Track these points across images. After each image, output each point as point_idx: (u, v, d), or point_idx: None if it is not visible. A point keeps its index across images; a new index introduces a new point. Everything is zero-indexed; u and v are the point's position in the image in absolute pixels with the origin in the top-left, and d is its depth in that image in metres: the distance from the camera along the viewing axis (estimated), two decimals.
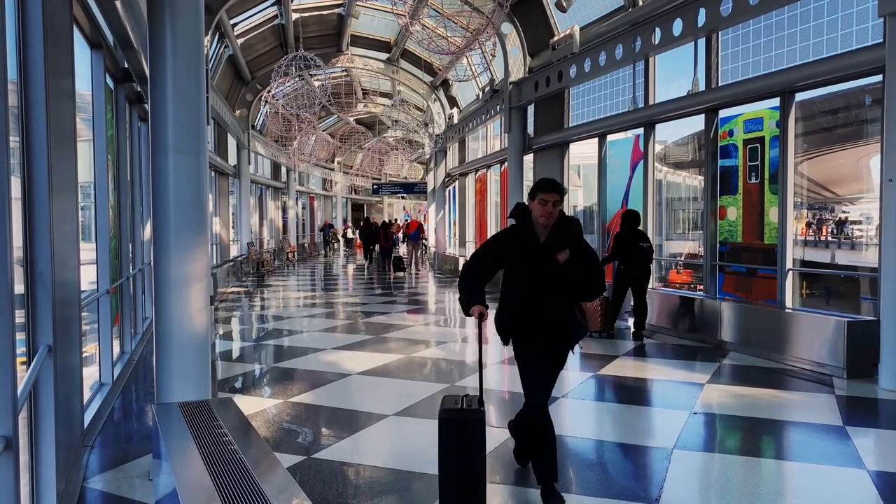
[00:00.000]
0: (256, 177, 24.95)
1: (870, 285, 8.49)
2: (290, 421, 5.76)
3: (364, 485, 4.33)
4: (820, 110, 9.45)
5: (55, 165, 3.69)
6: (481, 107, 18.68)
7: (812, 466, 4.77)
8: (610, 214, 12.81)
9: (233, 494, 2.22)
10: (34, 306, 3.47)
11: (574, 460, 4.85)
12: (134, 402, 6.61)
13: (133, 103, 8.96)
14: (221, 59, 18.22)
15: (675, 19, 9.73)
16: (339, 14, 19.57)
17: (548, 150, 14.61)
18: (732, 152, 9.63)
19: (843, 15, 7.99)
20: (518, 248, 4.02)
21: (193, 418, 3.10)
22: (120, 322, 7.85)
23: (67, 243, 4.12)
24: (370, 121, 33.78)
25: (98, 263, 6.59)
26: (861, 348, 6.97)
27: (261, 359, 8.63)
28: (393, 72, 23.28)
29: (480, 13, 13.71)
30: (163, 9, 4.25)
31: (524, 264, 3.99)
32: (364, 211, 49.87)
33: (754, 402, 6.20)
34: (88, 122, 6.48)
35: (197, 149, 4.36)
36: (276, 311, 13.31)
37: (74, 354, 4.40)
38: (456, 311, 13.23)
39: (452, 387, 6.84)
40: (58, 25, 4.04)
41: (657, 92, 11.11)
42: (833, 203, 12.07)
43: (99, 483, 4.36)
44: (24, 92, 3.47)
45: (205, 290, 4.42)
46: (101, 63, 6.62)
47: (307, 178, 36.70)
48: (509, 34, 15.46)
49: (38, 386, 3.45)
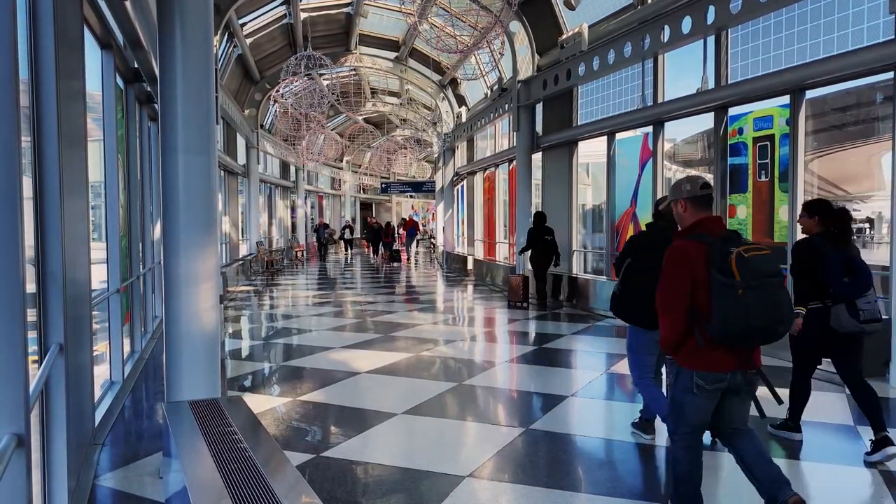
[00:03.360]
0: (265, 176, 25.04)
1: (881, 284, 8.43)
2: (299, 419, 5.78)
3: (373, 483, 4.34)
4: (830, 108, 9.38)
5: (66, 165, 3.71)
6: (489, 105, 18.66)
7: (823, 466, 4.75)
8: (619, 213, 12.78)
9: (243, 492, 2.23)
10: (46, 305, 3.49)
11: (583, 459, 4.84)
12: (144, 401, 6.65)
13: (143, 103, 9.00)
14: (230, 58, 18.28)
15: (685, 17, 9.69)
16: (347, 13, 19.60)
17: (556, 149, 14.58)
18: (742, 150, 9.59)
19: (853, 12, 7.93)
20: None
21: (203, 416, 3.12)
22: (130, 321, 7.90)
23: (78, 243, 4.15)
24: (378, 120, 33.80)
25: (108, 262, 6.63)
26: (872, 346, 6.91)
27: (270, 357, 8.66)
28: (401, 71, 23.29)
29: (489, 12, 13.69)
30: (172, 9, 4.26)
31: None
32: (372, 210, 49.93)
33: (763, 402, 6.16)
34: (99, 122, 6.52)
35: (206, 148, 4.38)
36: (285, 310, 13.35)
37: (85, 353, 4.43)
38: (463, 311, 13.23)
39: (461, 385, 6.85)
40: (68, 26, 4.06)
41: (666, 90, 11.06)
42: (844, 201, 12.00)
43: (110, 480, 4.39)
44: (35, 92, 3.49)
45: (214, 288, 4.44)
46: (112, 63, 6.66)
47: (316, 177, 36.77)
48: (517, 32, 15.43)
49: (50, 384, 3.47)
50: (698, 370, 3.37)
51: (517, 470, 4.56)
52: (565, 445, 5.05)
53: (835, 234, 4.82)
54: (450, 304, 14.33)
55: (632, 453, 5.01)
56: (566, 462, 4.69)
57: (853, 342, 4.81)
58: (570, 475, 4.46)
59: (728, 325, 3.19)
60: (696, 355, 3.38)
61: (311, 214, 35.35)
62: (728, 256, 3.21)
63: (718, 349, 3.31)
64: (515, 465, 4.66)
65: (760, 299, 3.17)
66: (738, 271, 3.17)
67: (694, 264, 3.31)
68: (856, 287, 4.64)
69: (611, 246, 12.85)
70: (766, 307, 3.18)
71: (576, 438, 5.21)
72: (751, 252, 3.22)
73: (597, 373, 7.61)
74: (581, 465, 4.70)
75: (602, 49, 11.93)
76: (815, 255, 4.82)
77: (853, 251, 4.82)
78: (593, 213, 17.00)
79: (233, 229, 20.46)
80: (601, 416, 6.16)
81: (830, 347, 4.94)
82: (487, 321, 11.68)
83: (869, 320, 4.63)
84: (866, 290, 4.67)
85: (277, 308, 13.82)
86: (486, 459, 4.71)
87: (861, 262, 4.74)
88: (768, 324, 3.22)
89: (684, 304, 3.34)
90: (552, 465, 4.67)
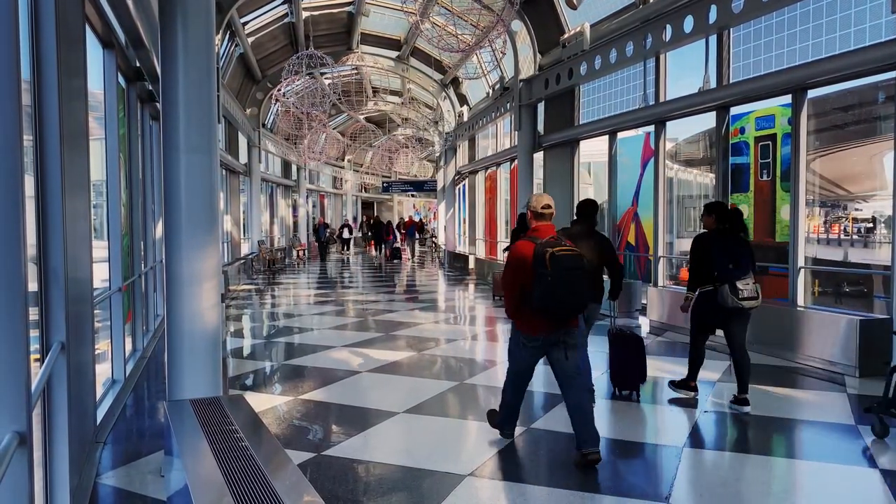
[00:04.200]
0: (267, 175, 25.04)
1: (883, 283, 8.42)
2: (300, 418, 5.79)
3: (374, 482, 4.34)
4: (832, 107, 9.37)
5: (68, 164, 3.71)
6: (491, 104, 18.65)
7: (824, 465, 4.74)
8: (621, 212, 12.78)
9: (244, 491, 2.24)
10: (48, 304, 3.50)
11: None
12: (146, 399, 6.66)
13: (145, 102, 9.01)
14: (232, 57, 18.29)
15: (686, 16, 9.69)
16: (348, 12, 19.60)
17: (558, 148, 14.58)
18: (744, 150, 9.58)
19: (856, 11, 7.92)
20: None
21: (205, 415, 3.12)
22: (132, 319, 7.91)
23: (80, 241, 4.15)
24: (380, 119, 33.80)
25: (110, 261, 6.64)
26: (873, 347, 6.92)
27: (271, 356, 8.67)
28: (403, 70, 23.29)
29: (490, 11, 13.69)
30: (174, 8, 4.27)
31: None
32: (374, 209, 49.94)
33: (765, 401, 6.17)
34: (100, 121, 6.52)
35: (208, 147, 4.39)
36: (287, 309, 13.36)
37: (87, 351, 4.44)
38: (465, 309, 13.24)
39: (462, 384, 6.85)
40: (70, 25, 4.07)
41: (668, 89, 11.06)
42: (846, 200, 11.98)
43: (111, 479, 4.40)
44: (37, 91, 3.49)
45: (216, 287, 4.44)
46: (113, 62, 6.67)
47: (317, 176, 36.77)
48: (519, 31, 15.43)
49: (52, 382, 3.48)
50: (523, 332, 4.77)
51: (518, 469, 4.56)
52: (566, 444, 5.05)
53: (726, 229, 5.91)
54: (451, 303, 14.33)
55: (633, 452, 5.01)
56: (567, 461, 4.69)
57: (737, 316, 5.87)
58: (571, 474, 4.46)
59: (542, 301, 4.48)
60: (524, 321, 4.73)
61: (312, 213, 35.29)
62: (545, 254, 4.46)
63: (538, 317, 4.61)
64: (516, 464, 4.66)
65: (563, 285, 4.45)
66: (550, 265, 4.44)
67: (525, 258, 4.60)
68: (737, 272, 5.71)
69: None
70: (566, 291, 4.46)
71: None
72: (561, 252, 4.48)
73: (597, 372, 7.60)
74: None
75: (604, 48, 11.92)
76: (707, 246, 5.92)
77: (740, 243, 5.87)
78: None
79: (234, 228, 20.47)
80: (602, 415, 6.16)
81: (720, 322, 6.01)
82: (489, 320, 11.68)
83: (747, 298, 5.70)
84: (744, 275, 5.74)
85: (279, 307, 13.83)
86: (487, 458, 4.71)
87: (743, 253, 5.83)
88: (568, 301, 4.50)
89: (518, 283, 4.66)
90: (553, 465, 4.67)
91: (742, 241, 5.92)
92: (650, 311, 10.40)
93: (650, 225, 11.43)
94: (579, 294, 4.52)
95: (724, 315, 5.87)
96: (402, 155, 33.81)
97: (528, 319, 4.67)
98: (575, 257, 4.53)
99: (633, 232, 12.49)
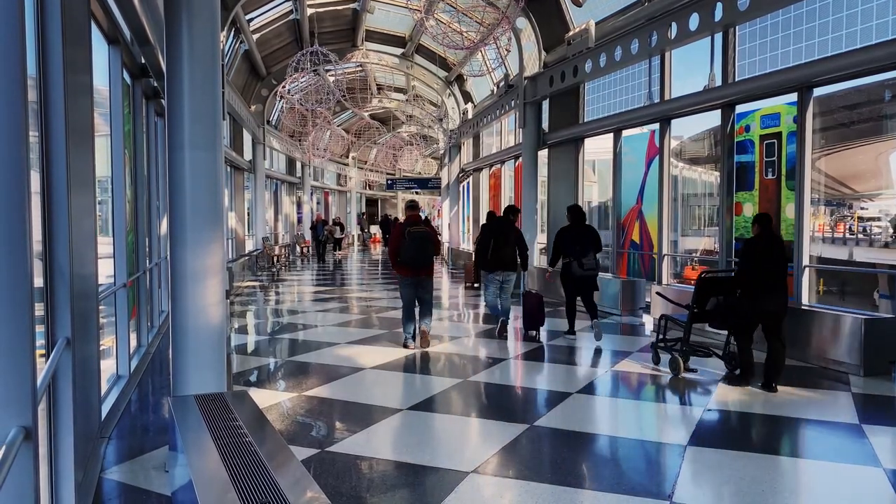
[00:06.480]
0: (272, 172, 25.06)
1: (888, 282, 8.40)
2: (304, 414, 5.80)
3: (377, 478, 4.35)
4: (838, 105, 9.34)
5: (73, 160, 3.72)
6: (496, 102, 18.63)
7: (828, 464, 4.73)
8: (625, 210, 12.76)
9: (248, 486, 2.25)
10: (53, 300, 3.51)
11: (588, 456, 4.85)
12: (150, 395, 6.68)
13: (150, 98, 9.03)
14: (237, 54, 18.30)
15: (692, 14, 9.66)
16: (353, 9, 19.59)
17: (562, 146, 14.56)
18: (749, 148, 9.55)
19: (862, 9, 7.89)
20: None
21: (209, 411, 3.13)
22: (137, 315, 7.94)
23: (85, 237, 4.16)
24: (384, 116, 33.80)
25: (115, 257, 6.66)
26: (878, 346, 6.90)
27: (275, 352, 8.69)
28: (407, 67, 23.28)
29: (495, 8, 13.67)
30: (179, 5, 4.28)
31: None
32: (378, 206, 49.96)
33: (769, 400, 6.16)
34: (106, 118, 6.54)
35: (213, 144, 4.40)
36: (291, 305, 13.38)
37: (92, 347, 4.46)
38: (468, 307, 13.24)
39: (465, 381, 6.86)
40: (76, 21, 4.07)
41: (673, 87, 11.03)
42: (851, 199, 11.94)
43: (116, 474, 4.42)
44: (42, 87, 3.50)
45: (220, 284, 4.46)
46: (119, 59, 6.68)
47: (322, 173, 36.81)
48: (524, 29, 15.40)
49: (57, 378, 3.49)
50: (401, 276, 8.41)
51: (521, 466, 4.57)
52: (570, 442, 5.06)
53: (572, 221, 9.16)
54: (455, 300, 14.33)
55: (636, 450, 5.01)
56: (570, 458, 4.69)
57: (585, 283, 9.01)
58: (575, 472, 4.46)
59: (403, 258, 8.20)
60: (400, 270, 8.40)
61: (316, 210, 35.29)
62: (406, 231, 8.15)
63: (406, 267, 8.29)
64: (520, 461, 4.67)
65: (414, 248, 8.13)
66: (408, 237, 8.13)
67: (400, 233, 8.25)
68: (579, 252, 8.85)
69: (616, 243, 12.83)
70: (416, 252, 8.15)
71: (580, 435, 5.21)
72: (415, 229, 8.17)
73: (602, 369, 7.61)
74: (585, 462, 4.71)
75: (609, 46, 11.90)
76: (561, 234, 9.23)
77: (583, 231, 9.03)
78: (599, 210, 16.97)
79: (239, 225, 20.50)
80: (606, 412, 6.16)
81: (577, 287, 9.06)
82: (487, 318, 11.66)
83: (588, 269, 8.86)
84: (585, 255, 8.83)
85: (283, 303, 13.86)
86: (490, 455, 4.72)
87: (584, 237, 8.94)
88: (417, 258, 8.19)
89: (395, 249, 8.28)
90: (556, 462, 4.68)
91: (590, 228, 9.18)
92: (654, 309, 10.38)
93: (654, 223, 11.41)
94: (424, 254, 8.18)
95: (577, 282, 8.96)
96: (407, 152, 33.83)
97: (401, 269, 8.33)
98: (422, 232, 8.18)
99: (637, 230, 12.47)
